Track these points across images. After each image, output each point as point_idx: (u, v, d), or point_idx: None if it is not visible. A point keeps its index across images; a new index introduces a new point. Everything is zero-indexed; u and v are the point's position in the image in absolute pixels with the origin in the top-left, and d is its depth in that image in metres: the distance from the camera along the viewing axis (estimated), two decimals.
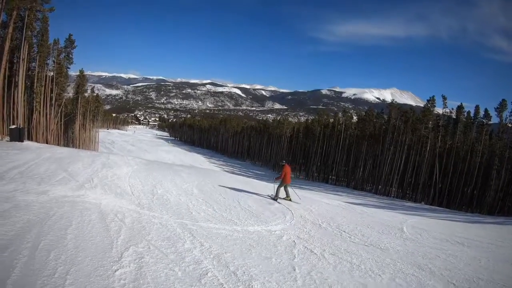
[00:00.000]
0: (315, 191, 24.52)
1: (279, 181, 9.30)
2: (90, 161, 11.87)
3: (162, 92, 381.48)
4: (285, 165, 9.27)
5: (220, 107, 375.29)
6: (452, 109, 34.93)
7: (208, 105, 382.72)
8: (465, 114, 34.21)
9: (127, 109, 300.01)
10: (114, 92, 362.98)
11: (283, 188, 9.29)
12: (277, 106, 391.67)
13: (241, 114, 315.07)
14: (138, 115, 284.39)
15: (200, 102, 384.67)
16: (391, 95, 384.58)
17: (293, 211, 7.93)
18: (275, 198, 9.24)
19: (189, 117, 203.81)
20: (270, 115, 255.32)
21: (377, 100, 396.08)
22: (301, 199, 9.78)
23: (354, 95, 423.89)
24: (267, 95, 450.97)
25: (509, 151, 29.16)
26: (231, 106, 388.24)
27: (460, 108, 34.31)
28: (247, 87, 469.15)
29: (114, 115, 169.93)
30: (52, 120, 28.11)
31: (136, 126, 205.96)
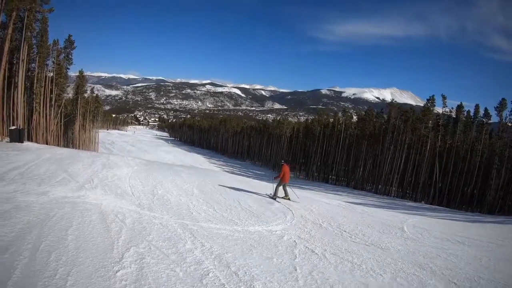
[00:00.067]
0: (315, 191, 24.53)
1: (278, 181, 9.44)
2: (90, 161, 11.86)
3: (161, 92, 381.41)
4: (284, 164, 9.45)
5: (219, 107, 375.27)
6: (452, 109, 35.02)
7: (207, 105, 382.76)
8: (465, 113, 34.28)
9: (127, 109, 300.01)
10: (113, 92, 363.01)
11: (282, 187, 9.41)
12: (277, 106, 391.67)
13: (241, 114, 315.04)
14: (137, 116, 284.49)
15: (199, 102, 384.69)
16: (391, 95, 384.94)
17: (294, 211, 7.93)
18: (273, 197, 9.35)
19: (188, 117, 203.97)
20: (270, 115, 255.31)
21: (377, 99, 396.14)
22: (299, 198, 9.89)
23: (354, 94, 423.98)
24: (267, 95, 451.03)
25: (509, 150, 29.19)
26: (230, 106, 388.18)
27: (460, 107, 34.36)
28: (247, 87, 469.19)
29: (113, 115, 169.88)
30: (52, 120, 28.10)
31: (135, 126, 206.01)
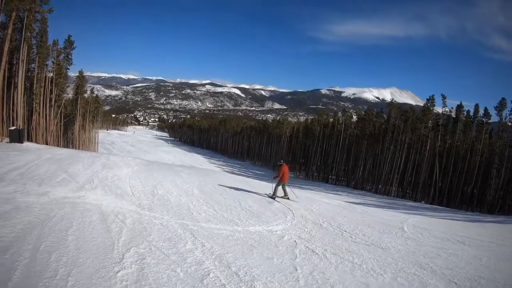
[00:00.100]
0: (315, 190, 24.54)
1: (277, 180, 9.52)
2: (90, 162, 11.86)
3: (161, 92, 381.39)
4: (283, 164, 9.56)
5: (219, 107, 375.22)
6: (451, 108, 35.06)
7: (207, 105, 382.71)
8: (465, 113, 34.30)
9: (127, 109, 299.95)
10: (113, 92, 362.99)
11: (281, 187, 9.50)
12: (277, 106, 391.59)
13: (241, 114, 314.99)
14: (137, 116, 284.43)
15: (199, 102, 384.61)
16: (391, 95, 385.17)
17: (294, 211, 7.93)
18: (273, 196, 9.42)
19: (188, 117, 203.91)
20: (269, 115, 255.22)
21: (377, 99, 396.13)
22: (299, 198, 9.94)
23: (353, 94, 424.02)
24: (267, 95, 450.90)
25: (509, 150, 29.20)
26: (230, 106, 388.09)
27: (459, 107, 34.38)
28: (247, 87, 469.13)
29: (113, 115, 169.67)
30: (51, 121, 28.09)
31: (135, 126, 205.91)
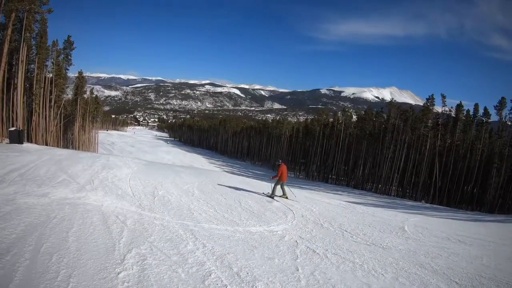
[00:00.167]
0: (315, 190, 24.53)
1: (275, 180, 9.61)
2: (90, 162, 11.86)
3: (161, 92, 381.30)
4: (281, 164, 9.65)
5: (219, 108, 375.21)
6: (451, 108, 35.08)
7: (207, 105, 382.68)
8: (465, 112, 34.29)
9: (126, 110, 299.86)
10: (113, 93, 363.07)
11: (280, 186, 9.60)
12: (276, 106, 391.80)
13: (240, 114, 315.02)
14: (137, 116, 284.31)
15: (199, 102, 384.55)
16: (390, 94, 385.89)
17: (294, 211, 7.93)
18: (271, 196, 9.51)
19: (188, 117, 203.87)
20: (269, 115, 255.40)
21: (376, 99, 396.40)
22: (299, 198, 10.02)
23: (353, 94, 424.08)
24: (266, 95, 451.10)
25: (509, 149, 29.21)
26: (230, 106, 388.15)
27: (459, 106, 34.38)
28: (246, 87, 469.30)
29: (113, 116, 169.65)
30: (51, 121, 28.08)
31: (135, 127, 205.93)
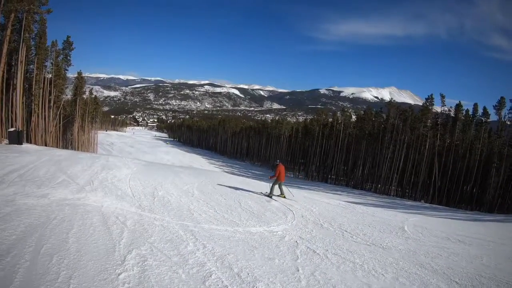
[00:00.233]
0: (315, 190, 24.54)
1: (273, 180, 9.73)
2: (89, 163, 11.85)
3: (160, 93, 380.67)
4: (279, 164, 9.78)
5: (218, 108, 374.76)
6: (450, 107, 35.11)
7: (206, 105, 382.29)
8: (464, 112, 34.32)
9: (126, 110, 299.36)
10: (112, 93, 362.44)
11: (278, 186, 9.73)
12: (276, 106, 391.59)
13: (240, 114, 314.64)
14: (136, 117, 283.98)
15: (198, 103, 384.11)
16: (390, 94, 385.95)
17: (294, 211, 7.94)
18: (269, 195, 9.64)
19: (187, 118, 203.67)
20: (268, 115, 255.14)
21: (376, 99, 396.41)
22: (294, 196, 10.16)
23: (352, 94, 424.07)
24: (266, 95, 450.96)
25: (508, 149, 29.25)
26: (229, 106, 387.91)
27: (458, 106, 34.42)
28: (245, 87, 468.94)
29: (112, 116, 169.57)
30: (50, 122, 28.04)
31: (134, 127, 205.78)
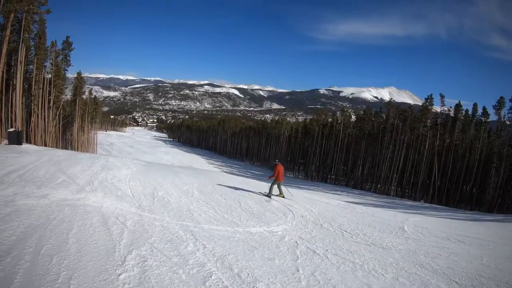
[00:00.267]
0: (315, 191, 24.57)
1: (272, 179, 9.80)
2: (89, 163, 11.84)
3: (160, 93, 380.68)
4: (278, 164, 9.84)
5: (218, 108, 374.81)
6: (450, 107, 35.13)
7: (206, 105, 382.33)
8: (463, 112, 34.34)
9: (125, 110, 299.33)
10: (111, 93, 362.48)
11: (277, 185, 9.79)
12: (275, 106, 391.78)
13: (239, 114, 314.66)
14: (136, 117, 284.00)
15: (198, 103, 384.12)
16: (389, 94, 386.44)
17: (294, 212, 7.93)
18: (268, 195, 9.67)
19: (187, 118, 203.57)
20: (268, 115, 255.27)
21: (375, 99, 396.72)
22: (293, 196, 10.22)
23: (352, 94, 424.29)
24: (265, 95, 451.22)
25: (508, 149, 29.27)
26: (229, 106, 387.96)
27: (458, 106, 34.44)
28: (245, 87, 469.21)
29: (112, 116, 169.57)
30: (50, 122, 28.01)
31: (134, 127, 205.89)
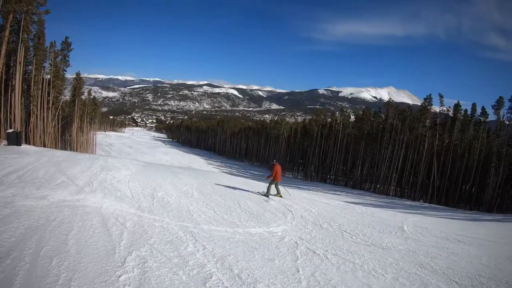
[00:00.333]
0: (314, 191, 24.57)
1: (270, 179, 9.91)
2: (88, 164, 11.81)
3: (159, 93, 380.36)
4: (275, 164, 10.00)
5: (217, 108, 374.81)
6: (449, 107, 35.14)
7: (205, 106, 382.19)
8: (462, 112, 34.37)
9: (124, 111, 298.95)
10: (110, 94, 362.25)
11: (274, 185, 9.92)
12: (274, 106, 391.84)
13: (238, 115, 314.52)
14: (135, 117, 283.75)
15: (197, 103, 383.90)
16: (388, 94, 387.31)
17: (294, 212, 7.94)
18: (266, 194, 9.80)
19: (186, 118, 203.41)
20: (267, 116, 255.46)
21: (374, 99, 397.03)
22: (291, 195, 10.36)
23: (351, 94, 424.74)
24: (264, 96, 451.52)
25: (507, 148, 29.31)
26: (228, 107, 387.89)
27: (457, 106, 34.47)
28: (244, 87, 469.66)
29: (111, 117, 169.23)
30: (49, 123, 27.95)
31: (133, 128, 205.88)
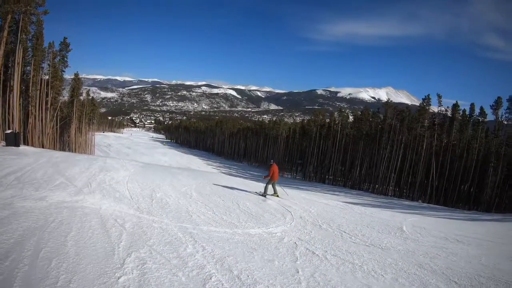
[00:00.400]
0: (313, 191, 24.56)
1: (267, 179, 9.95)
2: (87, 165, 11.78)
3: (157, 94, 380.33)
4: (273, 164, 10.03)
5: (215, 109, 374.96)
6: (447, 107, 35.24)
7: (203, 106, 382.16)
8: (461, 112, 34.46)
9: (123, 111, 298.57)
10: (109, 95, 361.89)
11: (271, 185, 9.95)
12: (273, 107, 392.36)
13: (237, 115, 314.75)
14: (133, 118, 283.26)
15: (195, 104, 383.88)
16: (387, 94, 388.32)
17: (293, 212, 7.93)
18: (263, 194, 9.88)
19: (184, 119, 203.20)
20: (265, 116, 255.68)
21: (373, 99, 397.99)
22: (288, 195, 10.44)
23: (349, 94, 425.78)
24: (263, 96, 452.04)
25: (505, 148, 29.41)
26: (226, 107, 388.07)
27: (455, 106, 34.56)
28: (242, 88, 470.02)
29: (109, 118, 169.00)
30: (47, 124, 27.87)
31: (132, 128, 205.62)
